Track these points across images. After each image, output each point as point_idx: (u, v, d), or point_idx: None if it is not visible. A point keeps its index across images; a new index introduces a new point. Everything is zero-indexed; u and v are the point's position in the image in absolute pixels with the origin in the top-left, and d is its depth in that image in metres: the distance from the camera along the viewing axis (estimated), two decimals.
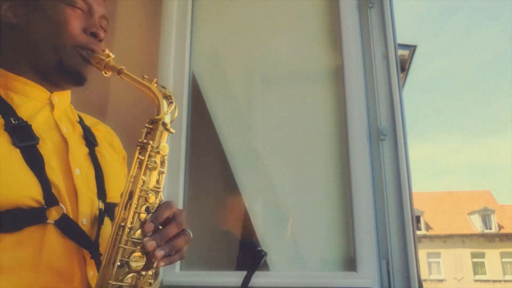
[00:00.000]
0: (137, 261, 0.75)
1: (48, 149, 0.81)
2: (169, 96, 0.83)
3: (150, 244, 0.73)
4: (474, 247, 26.07)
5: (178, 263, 1.68)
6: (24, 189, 0.74)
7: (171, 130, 0.82)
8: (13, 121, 0.79)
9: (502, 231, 26.28)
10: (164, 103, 0.82)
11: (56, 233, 0.76)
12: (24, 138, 0.78)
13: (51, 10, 0.85)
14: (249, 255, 0.95)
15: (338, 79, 1.80)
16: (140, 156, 0.79)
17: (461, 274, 25.50)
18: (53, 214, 0.76)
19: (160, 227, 0.76)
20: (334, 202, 1.70)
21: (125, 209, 0.77)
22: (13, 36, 0.87)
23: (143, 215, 0.77)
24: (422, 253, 24.88)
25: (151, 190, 0.78)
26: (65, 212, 0.78)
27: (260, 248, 0.94)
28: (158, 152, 0.80)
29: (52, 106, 0.88)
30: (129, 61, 1.04)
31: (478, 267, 25.79)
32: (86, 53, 0.86)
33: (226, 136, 1.89)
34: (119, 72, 0.84)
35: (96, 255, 0.81)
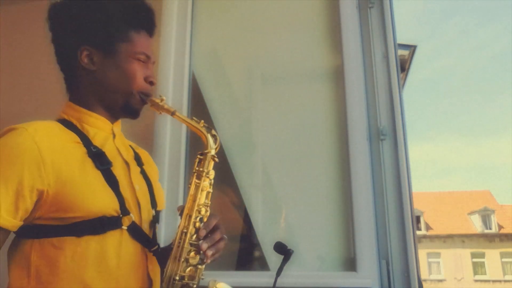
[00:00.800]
0: (193, 258, 0.99)
1: (118, 170, 1.02)
2: (214, 134, 1.08)
3: (205, 245, 0.97)
4: (474, 247, 26.05)
5: None
6: (109, 202, 0.96)
7: (217, 159, 1.07)
8: (93, 149, 1.00)
9: (502, 231, 26.26)
10: (210, 139, 1.07)
11: (128, 236, 0.98)
12: (102, 163, 0.99)
13: (123, 63, 1.06)
14: (280, 253, 1.22)
15: (338, 79, 1.80)
16: (197, 180, 1.04)
17: (461, 274, 25.49)
18: (126, 221, 0.97)
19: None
20: (334, 202, 1.71)
21: (185, 220, 1.00)
22: (88, 79, 1.06)
23: (197, 224, 1.01)
24: (422, 253, 24.87)
25: (203, 205, 1.03)
26: (133, 219, 0.99)
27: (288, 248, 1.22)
28: (208, 177, 1.05)
29: (113, 135, 1.09)
30: None
31: (478, 267, 25.77)
32: (145, 97, 1.07)
33: (226, 136, 1.89)
34: (173, 113, 1.06)
35: (156, 252, 1.04)
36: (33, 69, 2.37)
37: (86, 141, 1.01)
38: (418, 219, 26.09)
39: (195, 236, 1.00)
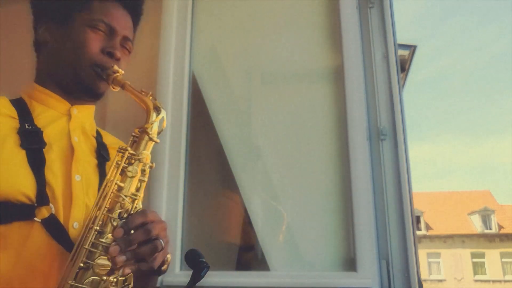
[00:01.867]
0: (101, 266, 0.75)
1: (53, 153, 0.87)
2: (158, 107, 0.87)
3: (113, 249, 0.75)
4: (474, 247, 26.07)
5: (177, 264, 1.68)
6: (17, 184, 0.79)
7: (155, 139, 0.86)
8: (26, 126, 0.87)
9: (502, 231, 26.28)
10: (153, 113, 0.86)
11: (41, 232, 0.79)
12: (31, 141, 0.85)
13: (76, 32, 0.94)
14: (192, 266, 0.91)
15: (338, 79, 1.80)
16: (118, 160, 0.82)
17: (461, 274, 25.50)
18: (42, 213, 0.80)
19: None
20: (334, 202, 1.70)
21: (96, 210, 0.79)
22: (45, 53, 0.98)
23: (116, 221, 0.78)
24: (422, 253, 24.88)
25: (128, 196, 0.80)
26: (53, 212, 0.81)
27: (202, 260, 0.91)
28: (139, 160, 0.83)
29: (69, 117, 0.96)
30: (129, 61, 1.06)
31: (478, 267, 25.78)
32: (100, 71, 0.93)
33: (226, 136, 1.88)
34: (123, 86, 0.90)
35: None
36: (33, 69, 2.37)
37: (24, 117, 0.89)
38: (418, 219, 26.11)
39: (109, 236, 0.77)
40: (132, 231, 0.78)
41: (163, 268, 0.87)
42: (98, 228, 0.77)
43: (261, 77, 2.02)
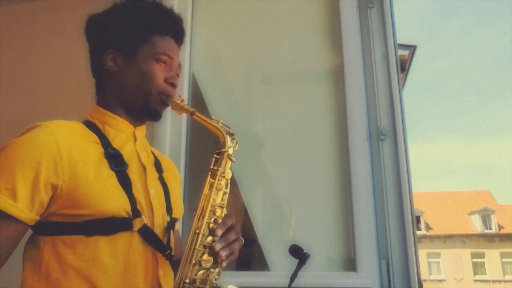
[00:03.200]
0: (206, 261, 0.96)
1: (133, 173, 1.03)
2: (232, 133, 1.09)
3: (218, 245, 0.95)
4: (474, 247, 26.05)
5: None
6: (120, 203, 0.96)
7: (234, 159, 1.07)
8: (110, 151, 1.01)
9: (502, 231, 26.26)
10: (228, 138, 1.08)
11: (138, 239, 0.98)
12: (118, 164, 1.00)
13: (143, 64, 1.08)
14: (295, 257, 1.17)
15: (338, 79, 1.80)
16: (211, 180, 1.03)
17: (461, 274, 25.49)
18: (137, 224, 0.97)
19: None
20: (334, 202, 1.70)
21: (198, 220, 0.98)
22: (111, 81, 1.10)
23: (212, 225, 0.98)
24: (422, 253, 24.87)
25: (218, 205, 1.01)
26: (145, 222, 0.99)
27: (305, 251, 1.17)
28: (224, 177, 1.05)
29: (134, 139, 1.10)
30: None
31: (478, 267, 25.77)
32: (165, 98, 1.08)
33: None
34: (192, 114, 1.08)
35: (169, 257, 1.03)
36: (33, 69, 2.37)
37: (105, 142, 1.03)
38: (418, 219, 26.10)
39: (209, 238, 0.97)
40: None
41: None
42: (203, 233, 0.97)
43: (261, 77, 2.02)
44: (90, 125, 1.06)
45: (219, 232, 0.96)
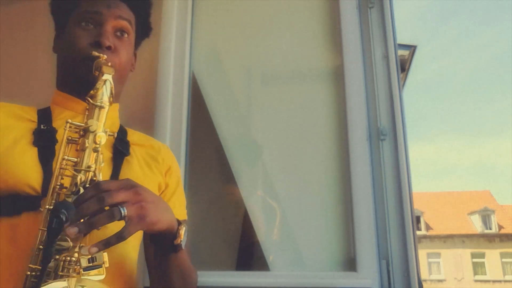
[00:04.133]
0: (63, 246, 0.72)
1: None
2: (102, 70, 0.86)
3: (72, 230, 0.70)
4: (474, 247, 26.07)
5: None
6: (23, 177, 0.84)
7: (101, 104, 0.83)
8: (42, 127, 0.93)
9: (502, 231, 26.28)
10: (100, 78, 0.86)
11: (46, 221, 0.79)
12: (44, 139, 0.90)
13: (68, 33, 0.99)
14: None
15: (338, 79, 1.80)
16: (69, 137, 0.83)
17: (461, 274, 25.50)
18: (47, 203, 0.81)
19: None
20: (334, 202, 1.70)
21: (51, 196, 0.79)
22: (57, 62, 1.05)
23: (71, 198, 0.76)
24: (422, 253, 24.88)
25: (79, 170, 0.79)
26: None
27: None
28: (89, 131, 0.81)
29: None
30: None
31: (478, 267, 25.79)
32: (91, 62, 0.92)
33: (226, 136, 1.88)
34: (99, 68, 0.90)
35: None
36: (33, 69, 2.37)
37: (43, 119, 0.95)
38: (418, 219, 26.11)
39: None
40: None
41: (176, 242, 0.86)
42: (50, 207, 0.77)
43: (261, 77, 2.02)
44: (43, 109, 1.00)
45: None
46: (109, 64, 0.89)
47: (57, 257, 0.72)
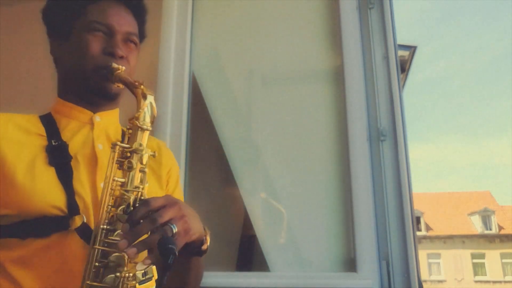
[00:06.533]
0: (120, 262, 0.77)
1: (80, 164, 0.91)
2: (145, 94, 0.87)
3: (121, 243, 0.74)
4: (474, 248, 26.07)
5: None
6: (49, 200, 0.84)
7: (146, 127, 0.85)
8: (53, 143, 0.91)
9: (502, 232, 26.27)
10: (142, 101, 0.86)
11: (77, 240, 0.84)
12: (58, 157, 0.89)
13: (77, 39, 0.96)
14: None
15: (338, 79, 1.80)
16: (115, 158, 0.84)
17: (461, 275, 25.49)
18: (76, 222, 0.85)
19: None
20: (334, 203, 1.70)
21: (101, 212, 0.81)
22: (59, 69, 1.02)
23: (123, 217, 0.79)
24: (422, 254, 24.88)
25: (127, 190, 0.81)
26: (85, 221, 0.85)
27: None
28: (135, 152, 0.83)
29: (92, 125, 0.98)
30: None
31: (478, 268, 25.79)
32: (105, 72, 0.93)
33: (226, 136, 1.88)
34: (120, 79, 0.91)
35: None
36: (33, 69, 2.37)
37: (52, 133, 0.93)
38: (418, 219, 26.11)
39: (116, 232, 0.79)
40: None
41: (203, 247, 0.91)
42: (105, 226, 0.80)
43: (261, 77, 2.01)
44: (46, 117, 0.98)
45: (125, 227, 0.76)
46: (139, 83, 0.88)
47: (118, 274, 0.77)
